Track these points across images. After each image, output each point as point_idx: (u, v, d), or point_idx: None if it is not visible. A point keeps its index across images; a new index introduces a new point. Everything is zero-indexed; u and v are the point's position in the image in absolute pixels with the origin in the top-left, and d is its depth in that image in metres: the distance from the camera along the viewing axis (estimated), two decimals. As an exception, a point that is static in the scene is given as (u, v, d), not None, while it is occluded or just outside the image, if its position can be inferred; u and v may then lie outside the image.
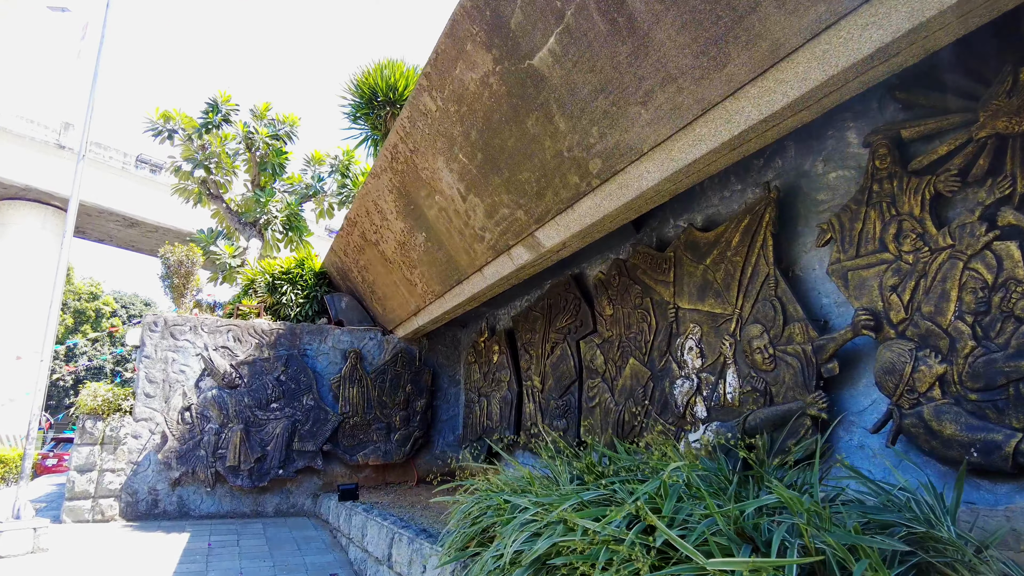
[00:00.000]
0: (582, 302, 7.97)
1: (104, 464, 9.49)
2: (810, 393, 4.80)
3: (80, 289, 48.14)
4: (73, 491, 9.26)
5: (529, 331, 9.21)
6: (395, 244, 9.26)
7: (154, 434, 9.80)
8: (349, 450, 10.79)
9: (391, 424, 11.20)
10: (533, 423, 8.79)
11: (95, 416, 9.68)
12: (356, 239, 10.31)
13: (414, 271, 9.30)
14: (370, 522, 6.88)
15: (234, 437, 9.89)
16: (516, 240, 6.78)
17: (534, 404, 8.82)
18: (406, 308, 10.45)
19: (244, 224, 15.64)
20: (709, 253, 5.91)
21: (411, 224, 8.47)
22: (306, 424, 10.48)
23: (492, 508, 4.10)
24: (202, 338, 10.32)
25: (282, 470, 10.15)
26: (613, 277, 7.24)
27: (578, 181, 5.53)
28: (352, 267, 11.24)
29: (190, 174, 15.68)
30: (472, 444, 10.77)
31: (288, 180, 16.50)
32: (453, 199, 7.22)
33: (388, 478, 11.24)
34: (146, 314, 10.29)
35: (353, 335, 11.40)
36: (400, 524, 6.22)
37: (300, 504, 10.43)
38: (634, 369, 6.77)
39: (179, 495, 9.75)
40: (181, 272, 11.22)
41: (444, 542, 4.62)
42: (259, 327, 10.69)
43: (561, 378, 8.20)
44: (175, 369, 10.08)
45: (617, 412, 6.92)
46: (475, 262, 7.73)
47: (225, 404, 10.03)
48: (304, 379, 10.67)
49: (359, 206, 9.47)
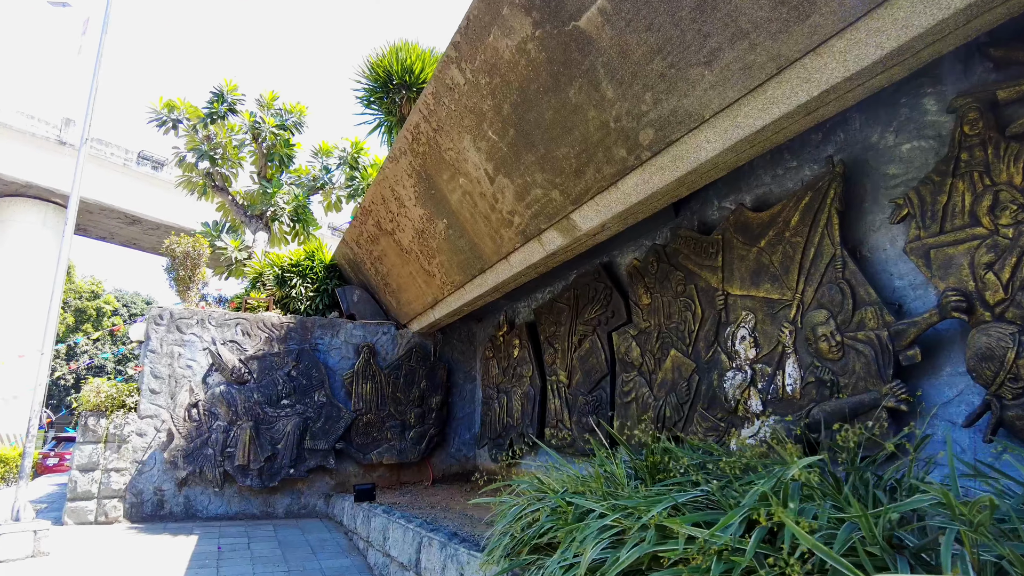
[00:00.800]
0: (614, 291, 7.53)
1: (108, 463, 9.05)
2: (885, 383, 4.36)
3: (81, 288, 47.73)
4: (75, 491, 8.82)
5: (553, 324, 8.77)
6: (412, 233, 8.83)
7: (160, 432, 9.36)
8: (362, 449, 10.35)
9: (406, 422, 10.77)
10: (559, 420, 8.35)
11: (98, 413, 9.24)
12: (370, 228, 9.88)
13: (432, 261, 8.87)
14: (393, 525, 6.44)
15: (243, 435, 9.45)
16: (549, 224, 6.35)
17: (560, 400, 8.38)
18: (422, 300, 10.01)
19: (250, 217, 15.21)
20: (763, 235, 5.47)
21: (431, 210, 8.03)
22: (318, 422, 10.05)
23: (550, 511, 3.66)
24: (209, 332, 9.88)
25: (293, 470, 9.71)
26: (651, 264, 6.80)
27: (625, 155, 5.09)
28: (365, 258, 10.80)
29: (195, 166, 15.26)
30: (491, 442, 10.32)
31: (295, 172, 16.06)
32: (479, 181, 6.78)
33: (403, 478, 10.80)
34: (151, 307, 9.86)
35: (366, 329, 10.96)
36: (428, 527, 5.78)
37: (312, 505, 9.99)
38: (676, 361, 6.33)
39: (186, 496, 9.32)
40: (187, 264, 10.79)
41: (488, 548, 4.18)
42: (269, 321, 10.26)
43: (591, 372, 7.76)
44: (181, 364, 9.65)
45: (656, 407, 6.48)
46: (501, 249, 7.30)
47: (234, 400, 9.59)
48: (316, 375, 10.23)
49: (374, 193, 9.04)
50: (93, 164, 32.13)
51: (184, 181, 15.42)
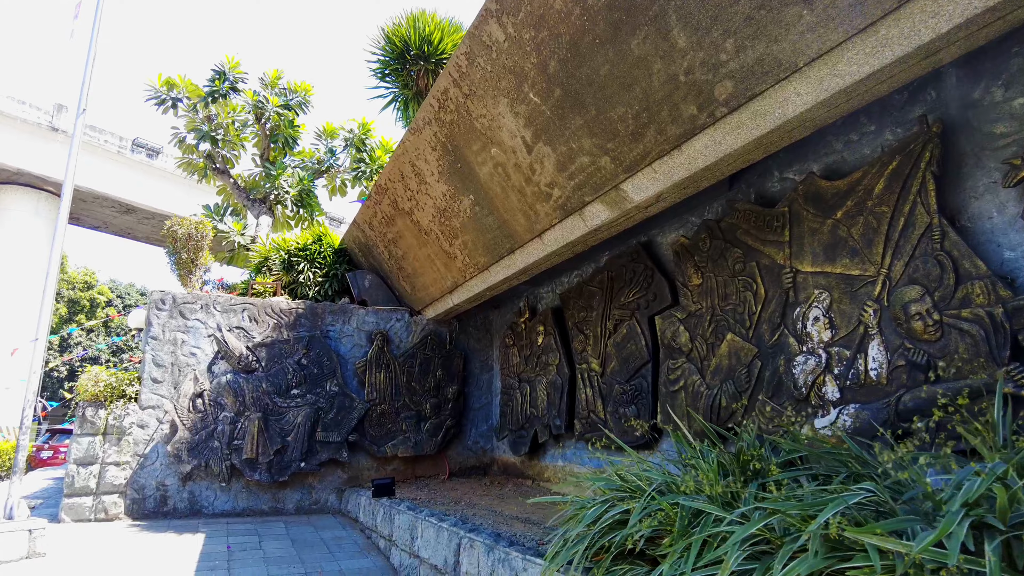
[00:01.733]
0: (655, 272, 7.00)
1: (107, 457, 8.49)
2: (1000, 366, 3.84)
3: (74, 278, 46.95)
4: (73, 487, 8.26)
5: (583, 309, 8.23)
6: (433, 211, 8.27)
7: (162, 423, 8.80)
8: (376, 441, 9.82)
9: (421, 412, 10.23)
10: (591, 411, 7.83)
11: (96, 403, 8.67)
12: (385, 208, 9.31)
13: (454, 242, 8.31)
14: (422, 523, 5.91)
15: (251, 427, 8.89)
16: (594, 195, 5.80)
17: (592, 390, 7.86)
18: (440, 285, 9.46)
19: (253, 200, 14.60)
20: (840, 205, 4.94)
21: (456, 186, 7.47)
22: (330, 412, 9.50)
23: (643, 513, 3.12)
24: (214, 317, 9.31)
25: (304, 463, 9.17)
26: (702, 241, 6.26)
27: (695, 112, 4.54)
28: (378, 241, 10.23)
29: (195, 147, 14.64)
30: (512, 435, 9.80)
31: (299, 155, 15.45)
32: (515, 151, 6.23)
33: (418, 471, 10.27)
34: (152, 291, 9.29)
35: (379, 316, 10.41)
36: (465, 526, 5.25)
37: (323, 500, 9.46)
38: (734, 346, 5.80)
39: (191, 491, 8.76)
40: (190, 247, 10.20)
41: (552, 553, 3.65)
42: (277, 306, 9.69)
43: (628, 360, 7.24)
44: (185, 352, 9.08)
45: (710, 396, 5.96)
46: (535, 226, 6.75)
47: (241, 390, 9.03)
48: (327, 363, 9.68)
49: (391, 169, 8.47)
50: (86, 151, 31.37)
51: (184, 163, 14.79)
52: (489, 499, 8.23)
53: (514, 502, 7.91)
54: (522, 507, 7.44)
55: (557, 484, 8.91)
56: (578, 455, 8.41)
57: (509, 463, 10.37)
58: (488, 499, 8.23)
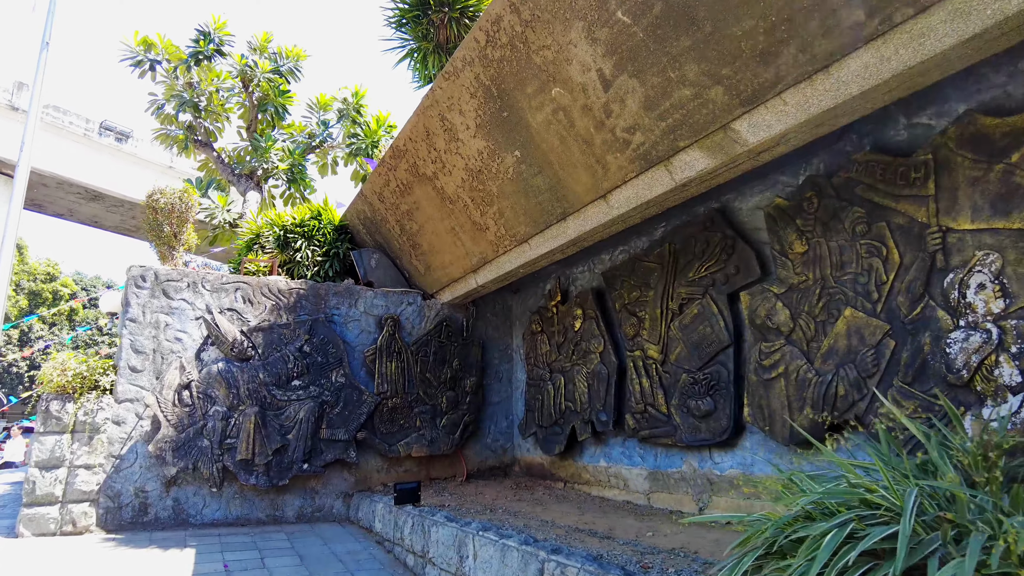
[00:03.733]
0: (737, 241, 6.01)
1: (76, 458, 7.23)
2: None
3: (35, 269, 44.66)
4: (34, 494, 6.98)
5: (636, 288, 7.21)
6: (463, 174, 7.17)
7: (142, 419, 7.56)
8: (387, 438, 8.68)
9: (437, 407, 9.12)
10: (649, 404, 6.81)
11: (63, 396, 7.40)
12: (401, 175, 8.17)
13: (487, 210, 7.22)
14: (476, 541, 4.83)
15: (247, 423, 7.70)
16: (692, 139, 4.77)
17: (649, 380, 6.84)
18: (463, 263, 8.35)
19: (239, 176, 13.31)
20: (1017, 146, 3.98)
21: (497, 141, 6.39)
22: (336, 407, 8.34)
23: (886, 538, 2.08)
24: (203, 298, 8.08)
25: (307, 464, 8.00)
26: (807, 201, 5.28)
27: (863, 18, 3.52)
28: (388, 215, 9.09)
29: (175, 117, 13.29)
30: (543, 431, 8.73)
31: (288, 128, 14.19)
32: (585, 89, 5.17)
33: (433, 473, 9.16)
34: (131, 266, 8.02)
35: (388, 299, 9.26)
36: (545, 547, 4.18)
37: (328, 507, 8.29)
38: (855, 323, 4.82)
39: (175, 498, 7.54)
40: (173, 219, 8.93)
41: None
42: (275, 286, 8.49)
43: (701, 344, 6.23)
44: (169, 336, 7.84)
45: (821, 384, 4.98)
46: (600, 185, 5.70)
47: (235, 381, 7.82)
48: (333, 350, 8.51)
49: (414, 127, 7.34)
50: (50, 133, 29.52)
51: (161, 134, 13.43)
52: (526, 505, 7.18)
53: (558, 509, 6.86)
54: (572, 515, 6.39)
55: (598, 488, 7.89)
56: (628, 455, 7.39)
57: (535, 463, 9.31)
58: (525, 505, 7.17)
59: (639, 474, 7.21)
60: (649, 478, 7.07)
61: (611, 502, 7.42)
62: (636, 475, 7.26)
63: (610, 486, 7.71)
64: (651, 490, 7.07)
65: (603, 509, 6.92)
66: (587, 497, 7.78)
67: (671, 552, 4.52)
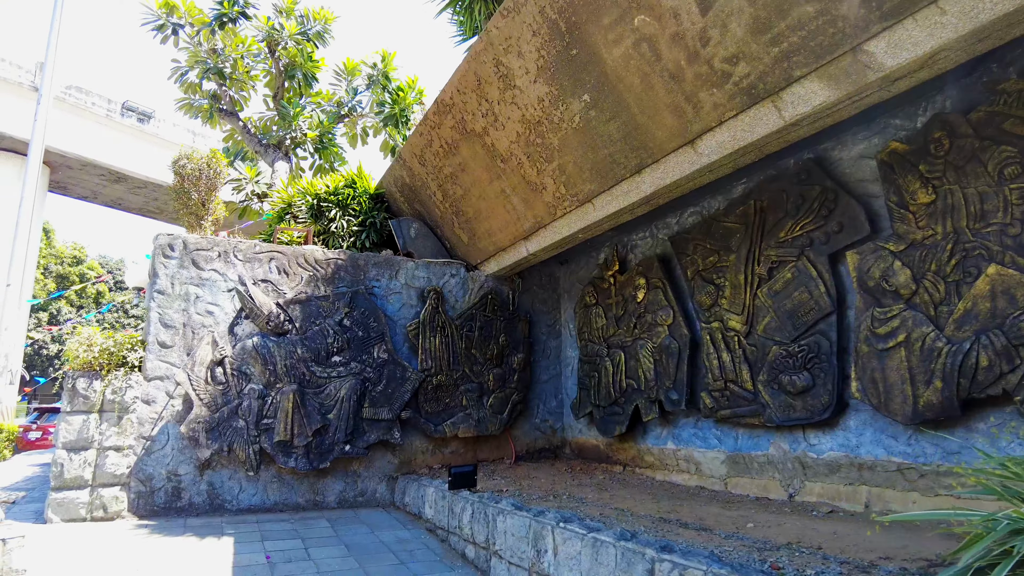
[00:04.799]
0: (840, 195, 5.27)
1: (105, 440, 6.74)
2: None
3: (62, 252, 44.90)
4: (62, 478, 6.51)
5: (713, 252, 6.50)
6: (519, 127, 6.48)
7: (173, 398, 7.05)
8: (432, 418, 8.10)
9: (483, 385, 8.52)
10: (730, 380, 6.13)
11: (90, 373, 6.90)
12: (446, 132, 7.49)
13: (545, 167, 6.54)
14: (558, 534, 4.21)
15: (285, 401, 7.16)
16: (812, 67, 4.03)
17: (730, 354, 6.15)
18: (513, 230, 7.69)
19: (266, 146, 12.73)
20: None
21: (563, 85, 5.68)
22: (379, 384, 7.76)
23: None
24: (235, 268, 7.52)
25: (349, 446, 7.45)
26: (935, 143, 4.52)
27: None
28: (429, 180, 8.43)
29: (199, 85, 12.72)
30: (599, 411, 8.09)
31: (315, 96, 13.55)
32: (677, 14, 4.44)
33: (480, 454, 8.58)
34: (158, 235, 7.48)
35: (431, 270, 8.64)
36: (652, 545, 3.53)
37: (370, 491, 7.75)
38: (1001, 282, 4.09)
39: (210, 482, 7.04)
40: (201, 186, 8.36)
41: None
42: (311, 256, 7.90)
43: (797, 312, 5.52)
44: (200, 309, 7.30)
45: (955, 354, 4.26)
46: (688, 128, 4.98)
47: (271, 356, 7.27)
48: (374, 324, 7.92)
49: (462, 77, 6.66)
50: (72, 114, 29.28)
51: (185, 104, 12.87)
52: (589, 491, 6.56)
53: (627, 495, 6.23)
54: (646, 502, 5.76)
55: (663, 472, 7.25)
56: (702, 436, 6.73)
57: (588, 445, 8.68)
58: (588, 491, 6.56)
59: (715, 457, 6.55)
60: (727, 462, 6.41)
61: (681, 488, 6.77)
62: (711, 459, 6.59)
63: (678, 470, 7.07)
64: (729, 475, 6.41)
65: (676, 496, 6.28)
66: (652, 482, 7.14)
67: (790, 548, 3.87)
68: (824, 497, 5.41)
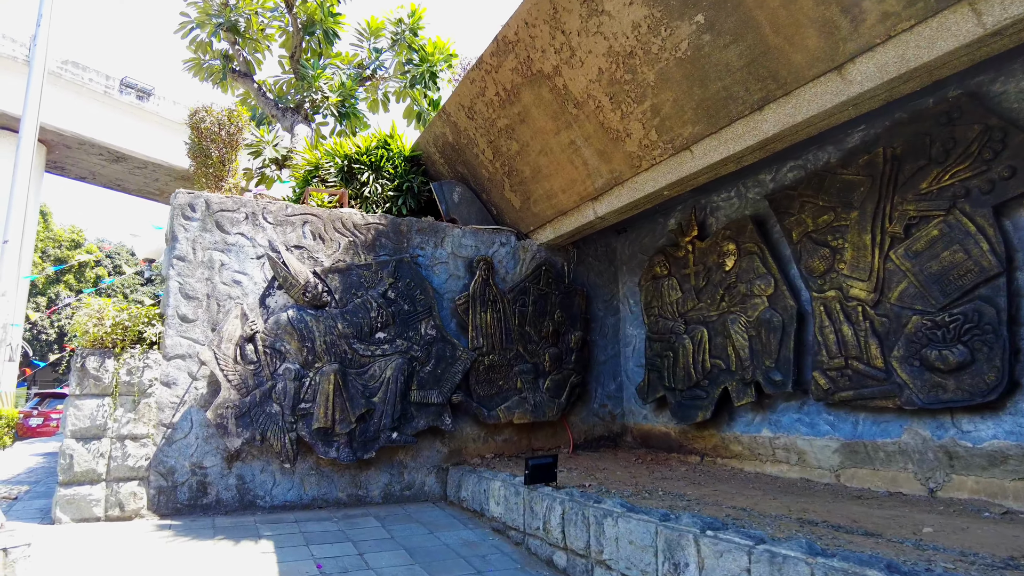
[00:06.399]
0: (1009, 133, 4.36)
1: (120, 427, 5.86)
2: None
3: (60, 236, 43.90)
4: (72, 471, 5.63)
5: (828, 210, 5.60)
6: (603, 63, 5.55)
7: (197, 379, 6.17)
8: (485, 402, 7.23)
9: (539, 365, 7.64)
10: (855, 357, 5.26)
11: (102, 351, 6.01)
12: (505, 77, 6.55)
13: (635, 109, 5.61)
14: (708, 545, 3.34)
15: (325, 383, 6.28)
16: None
17: (852, 327, 5.28)
18: (580, 188, 6.78)
19: (283, 110, 11.76)
20: None
21: (669, 6, 4.75)
22: (427, 364, 6.89)
23: None
24: (265, 232, 6.61)
25: (397, 433, 6.58)
26: None
27: None
28: (478, 136, 7.50)
29: (209, 44, 11.72)
30: (676, 395, 7.22)
31: (335, 58, 12.56)
32: None
33: (535, 442, 7.72)
34: (177, 192, 6.56)
35: (478, 237, 7.73)
36: (881, 564, 2.66)
37: (418, 483, 6.90)
38: None
39: (239, 475, 6.17)
40: (220, 143, 7.44)
41: None
42: (349, 220, 6.99)
43: (947, 275, 4.64)
44: (226, 278, 6.40)
45: None
46: (840, 48, 4.06)
47: (309, 332, 6.39)
48: (421, 297, 7.03)
49: (534, 6, 5.71)
50: (69, 91, 28.17)
51: (195, 65, 11.89)
52: (680, 485, 5.70)
53: (735, 491, 5.37)
54: (767, 500, 4.87)
55: (753, 462, 6.40)
56: (809, 422, 5.86)
57: (655, 433, 7.82)
58: (679, 485, 5.70)
59: (825, 446, 5.68)
60: (842, 451, 5.54)
61: (782, 480, 5.92)
62: (820, 447, 5.73)
63: (774, 460, 6.21)
64: (842, 466, 5.54)
65: (786, 490, 5.41)
66: (744, 475, 6.29)
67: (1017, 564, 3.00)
68: (980, 494, 4.56)
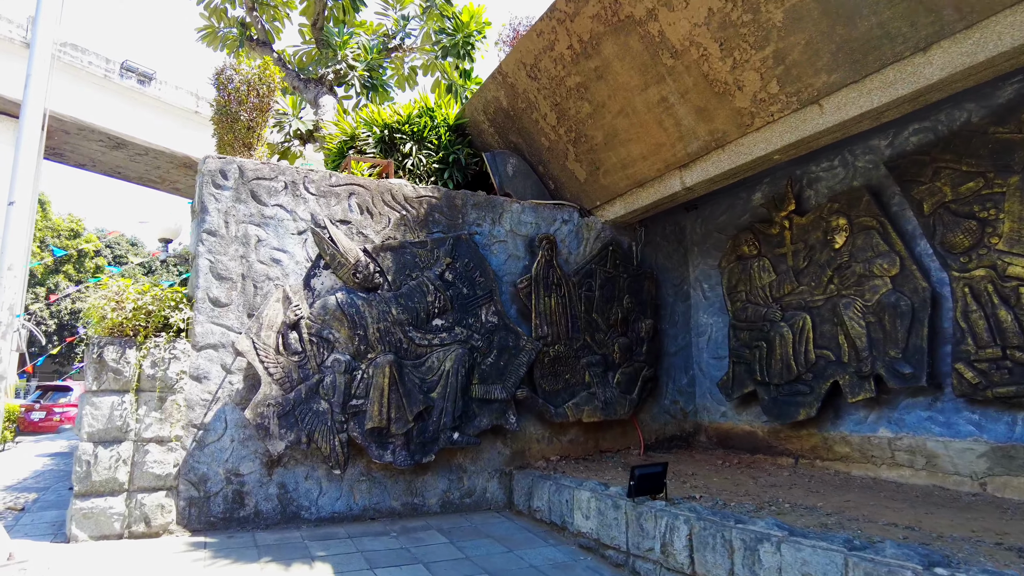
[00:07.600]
0: None
1: (144, 428, 5.03)
2: None
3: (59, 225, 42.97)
4: (89, 480, 4.81)
5: (972, 175, 4.77)
6: (715, 2, 4.69)
7: (231, 372, 5.33)
8: (551, 398, 6.41)
9: (608, 357, 6.82)
10: (1015, 346, 4.44)
11: (122, 340, 5.17)
12: (583, 26, 5.69)
13: (753, 55, 4.76)
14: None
15: (379, 376, 5.44)
16: None
17: (1009, 310, 4.47)
18: (667, 154, 5.93)
19: (305, 81, 10.89)
20: None
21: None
22: (489, 354, 6.06)
23: None
24: (307, 204, 5.76)
25: (458, 433, 5.76)
26: None
27: None
28: (540, 99, 6.65)
29: (224, 11, 10.84)
30: (770, 391, 6.40)
31: (359, 27, 11.68)
32: None
33: (603, 443, 6.90)
34: (206, 157, 5.72)
35: (538, 213, 6.89)
36: None
37: (479, 490, 6.08)
38: None
39: (281, 483, 5.34)
40: (250, 103, 6.57)
41: None
42: (400, 192, 6.14)
43: None
44: (263, 257, 5.56)
45: None
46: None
47: (361, 318, 5.55)
48: (481, 280, 6.20)
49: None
50: (68, 75, 27.13)
51: (208, 33, 11.00)
52: (796, 494, 4.88)
53: (871, 502, 4.54)
54: (930, 516, 4.05)
55: (863, 466, 5.58)
56: (944, 421, 5.04)
57: (736, 432, 7.01)
58: (795, 494, 4.88)
59: (967, 449, 4.87)
60: (990, 455, 4.74)
61: (908, 488, 5.11)
62: (960, 451, 4.91)
63: (892, 464, 5.40)
64: (990, 472, 4.74)
65: (930, 501, 4.61)
66: (852, 479, 5.48)
67: None
68: None
